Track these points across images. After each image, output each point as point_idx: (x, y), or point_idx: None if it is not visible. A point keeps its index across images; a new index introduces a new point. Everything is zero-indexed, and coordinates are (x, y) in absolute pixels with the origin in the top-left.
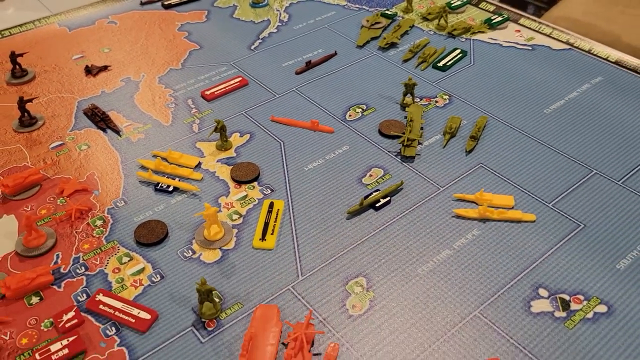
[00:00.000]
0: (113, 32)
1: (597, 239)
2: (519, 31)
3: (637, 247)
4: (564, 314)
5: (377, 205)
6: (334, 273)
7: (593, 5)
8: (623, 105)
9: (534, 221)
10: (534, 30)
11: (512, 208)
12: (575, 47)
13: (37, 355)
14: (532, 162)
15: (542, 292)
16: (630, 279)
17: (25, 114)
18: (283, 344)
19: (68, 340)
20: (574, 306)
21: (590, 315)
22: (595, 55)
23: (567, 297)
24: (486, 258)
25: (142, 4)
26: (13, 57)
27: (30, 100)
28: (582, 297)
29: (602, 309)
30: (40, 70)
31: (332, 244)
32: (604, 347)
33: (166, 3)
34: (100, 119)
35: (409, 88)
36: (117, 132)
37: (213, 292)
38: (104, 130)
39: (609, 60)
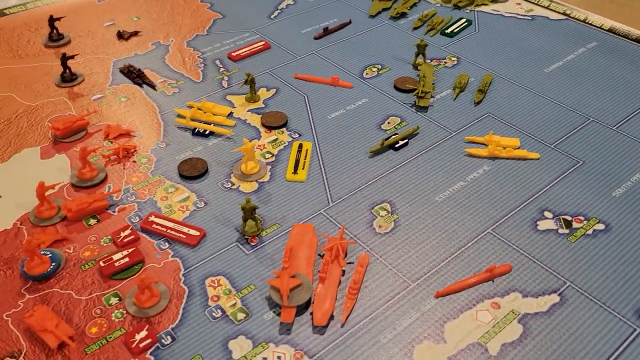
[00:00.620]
0: (140, 3)
1: (595, 173)
2: (519, 4)
3: (631, 179)
4: (566, 231)
5: (397, 146)
6: (361, 200)
7: None
8: (615, 65)
9: (538, 159)
10: (533, 2)
11: (518, 148)
12: (571, 17)
13: (101, 263)
14: (535, 112)
15: (547, 214)
16: (625, 204)
17: (67, 70)
18: (319, 255)
19: (128, 252)
20: (575, 225)
21: (590, 232)
22: (590, 24)
23: (569, 218)
24: (496, 188)
25: None
26: (51, 20)
27: (72, 57)
28: (582, 218)
29: (600, 227)
30: (75, 35)
31: (357, 177)
32: (602, 257)
33: None
34: (136, 75)
35: (421, 49)
36: (153, 86)
37: (256, 210)
38: (140, 85)
39: (602, 28)
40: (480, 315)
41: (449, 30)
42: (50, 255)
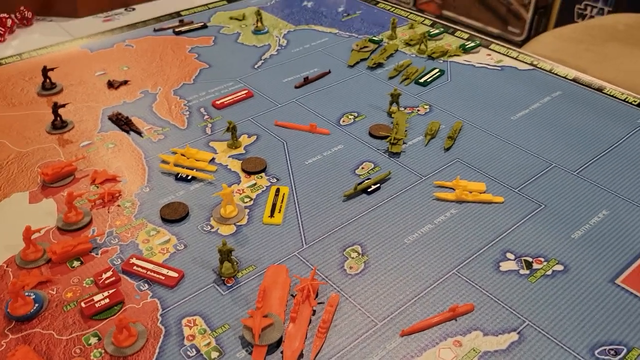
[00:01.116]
0: (130, 53)
1: (556, 216)
2: (489, 55)
3: (589, 222)
4: (527, 272)
5: (369, 190)
6: (333, 242)
7: (561, 44)
8: (578, 113)
9: (503, 202)
10: (503, 54)
11: (484, 192)
12: (538, 67)
13: (82, 304)
14: (501, 158)
15: (509, 255)
16: (583, 245)
17: (58, 118)
18: (292, 295)
19: (108, 293)
20: (535, 266)
21: (549, 272)
22: (555, 74)
23: (530, 259)
24: (462, 231)
25: (155, 30)
26: (45, 71)
27: (63, 106)
28: (542, 259)
29: (559, 267)
30: (67, 84)
31: (330, 220)
32: (560, 297)
33: (177, 30)
34: (123, 122)
35: (395, 97)
36: (139, 133)
37: (232, 253)
38: (127, 132)
39: (567, 78)
40: (443, 353)
41: (422, 80)
42: (34, 296)
